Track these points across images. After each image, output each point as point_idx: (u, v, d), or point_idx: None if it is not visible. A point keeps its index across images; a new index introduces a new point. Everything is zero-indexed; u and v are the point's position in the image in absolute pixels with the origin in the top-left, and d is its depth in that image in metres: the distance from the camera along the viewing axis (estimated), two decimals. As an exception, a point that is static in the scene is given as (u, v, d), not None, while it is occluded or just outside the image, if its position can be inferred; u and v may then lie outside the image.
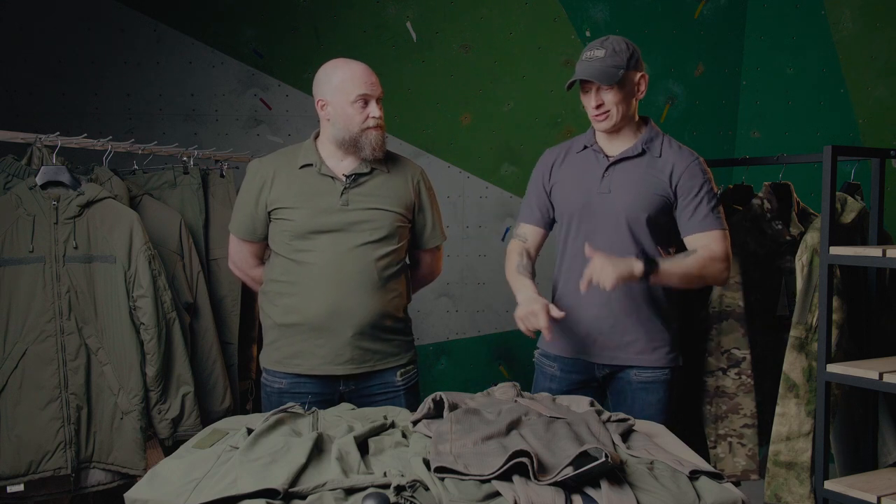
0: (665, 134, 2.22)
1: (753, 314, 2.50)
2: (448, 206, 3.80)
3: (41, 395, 2.31)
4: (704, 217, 2.12)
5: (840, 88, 3.65)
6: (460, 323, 3.94)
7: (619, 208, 2.14)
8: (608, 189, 2.16)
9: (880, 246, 2.26)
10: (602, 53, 2.11)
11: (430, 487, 1.36)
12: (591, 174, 2.20)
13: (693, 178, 2.13)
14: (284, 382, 2.20)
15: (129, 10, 3.60)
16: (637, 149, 2.17)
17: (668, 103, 3.93)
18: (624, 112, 2.14)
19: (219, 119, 3.73)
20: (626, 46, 2.13)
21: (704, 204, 2.13)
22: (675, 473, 1.45)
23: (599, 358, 2.19)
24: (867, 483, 2.17)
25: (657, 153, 2.17)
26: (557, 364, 2.25)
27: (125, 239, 2.39)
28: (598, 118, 2.15)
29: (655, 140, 2.19)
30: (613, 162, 2.17)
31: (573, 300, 2.19)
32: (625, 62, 2.11)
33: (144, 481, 1.46)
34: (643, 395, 2.17)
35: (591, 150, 2.23)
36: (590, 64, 2.11)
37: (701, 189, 2.13)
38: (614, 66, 2.09)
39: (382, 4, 3.75)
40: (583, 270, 2.02)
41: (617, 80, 2.09)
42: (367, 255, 2.15)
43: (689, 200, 2.13)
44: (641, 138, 2.18)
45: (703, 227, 2.12)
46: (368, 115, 2.14)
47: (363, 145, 2.15)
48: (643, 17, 3.86)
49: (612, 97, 2.11)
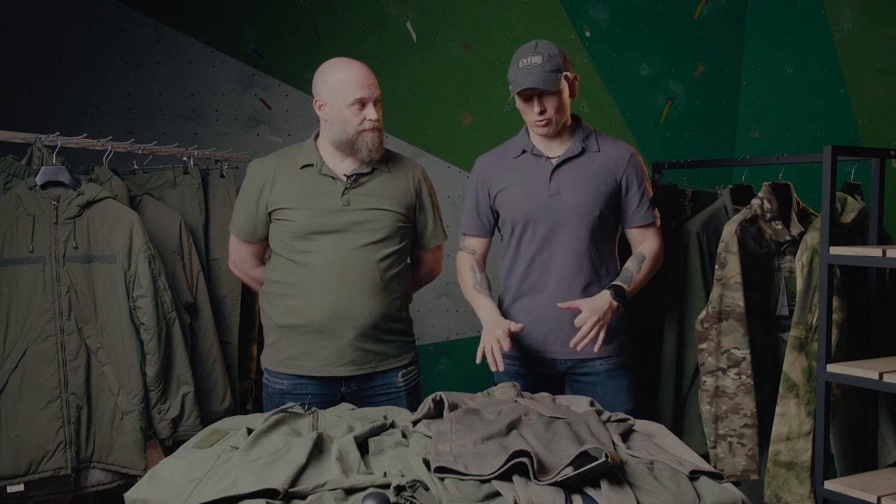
0: (594, 129, 2.30)
1: (753, 314, 2.50)
2: (448, 206, 3.80)
3: (41, 395, 2.31)
4: (646, 211, 2.27)
5: (840, 88, 3.65)
6: (460, 323, 3.93)
7: (571, 208, 2.20)
8: (557, 191, 2.21)
9: (880, 246, 2.26)
10: (539, 60, 2.13)
11: (430, 487, 1.36)
12: (537, 178, 2.24)
13: (635, 169, 2.26)
14: (286, 383, 2.20)
15: (129, 10, 3.59)
16: (577, 148, 2.23)
17: (668, 103, 3.93)
18: (564, 115, 2.20)
19: (219, 119, 3.73)
20: (558, 50, 2.17)
21: (645, 197, 2.27)
22: (675, 473, 1.45)
23: (562, 353, 2.23)
24: (867, 483, 2.17)
25: (595, 149, 2.25)
26: (518, 362, 2.29)
27: (125, 239, 2.39)
28: (540, 124, 2.18)
29: (590, 137, 2.26)
30: (558, 164, 2.22)
31: (531, 301, 2.26)
32: (561, 65, 2.14)
33: (144, 481, 1.47)
34: (611, 382, 2.24)
35: (531, 154, 2.26)
36: (530, 71, 2.13)
37: (642, 182, 2.27)
38: (554, 71, 2.12)
39: (382, 4, 3.75)
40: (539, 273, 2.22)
41: (559, 84, 2.12)
42: (368, 256, 2.15)
43: (634, 193, 2.25)
44: (578, 137, 2.25)
45: (645, 220, 2.27)
46: (365, 118, 2.13)
47: (360, 147, 2.15)
48: (643, 17, 3.86)
49: (553, 102, 2.15)
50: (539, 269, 2.24)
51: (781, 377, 2.38)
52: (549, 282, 2.23)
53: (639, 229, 2.28)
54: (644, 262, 2.23)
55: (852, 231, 2.43)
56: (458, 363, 3.95)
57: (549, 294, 2.22)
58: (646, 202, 2.27)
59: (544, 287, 2.24)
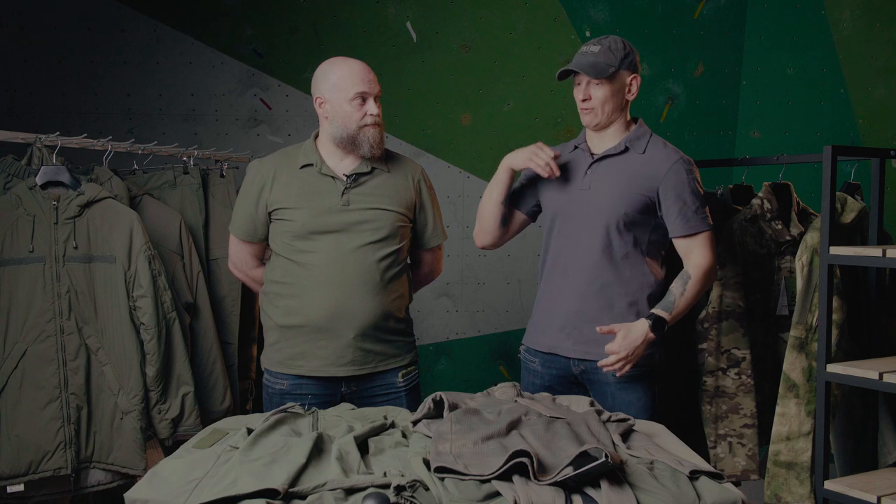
0: (654, 134, 2.23)
1: (753, 314, 2.50)
2: (448, 206, 3.80)
3: (41, 395, 2.31)
4: (689, 218, 2.11)
5: (840, 88, 3.65)
6: (460, 323, 3.93)
7: (597, 206, 2.16)
8: (588, 186, 2.19)
9: (880, 246, 2.26)
10: (597, 49, 2.14)
11: (430, 487, 1.36)
12: (576, 172, 2.23)
13: (676, 175, 2.12)
14: (286, 384, 2.20)
15: (129, 10, 3.60)
16: (620, 146, 2.18)
17: (668, 103, 3.93)
18: (611, 110, 2.16)
19: (219, 119, 3.73)
20: (623, 46, 2.16)
21: (689, 204, 2.11)
22: (675, 473, 1.45)
23: (574, 353, 2.19)
24: (867, 483, 2.17)
25: (641, 150, 2.17)
26: (538, 359, 2.27)
27: (125, 239, 2.39)
28: (584, 111, 2.19)
29: (642, 139, 2.19)
30: (596, 159, 2.19)
31: (551, 296, 2.24)
32: (618, 61, 2.13)
33: (144, 481, 1.46)
34: (622, 395, 2.15)
35: (580, 149, 2.25)
36: (583, 57, 2.15)
37: (685, 188, 2.12)
38: (606, 63, 2.12)
39: (382, 4, 3.75)
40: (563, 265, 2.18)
41: (606, 75, 2.11)
42: (368, 256, 2.15)
43: (674, 200, 2.12)
44: (627, 136, 2.20)
45: (689, 228, 2.11)
46: (366, 113, 2.13)
47: (361, 143, 2.15)
48: (643, 17, 3.86)
49: (599, 93, 2.14)
50: (561, 264, 2.21)
51: (781, 377, 2.38)
52: (567, 276, 2.20)
53: (681, 240, 2.14)
54: (689, 284, 2.09)
55: (852, 231, 2.43)
56: (458, 363, 3.95)
57: (566, 289, 2.19)
58: (688, 211, 2.11)
59: (563, 281, 2.21)
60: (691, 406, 2.56)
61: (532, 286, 3.85)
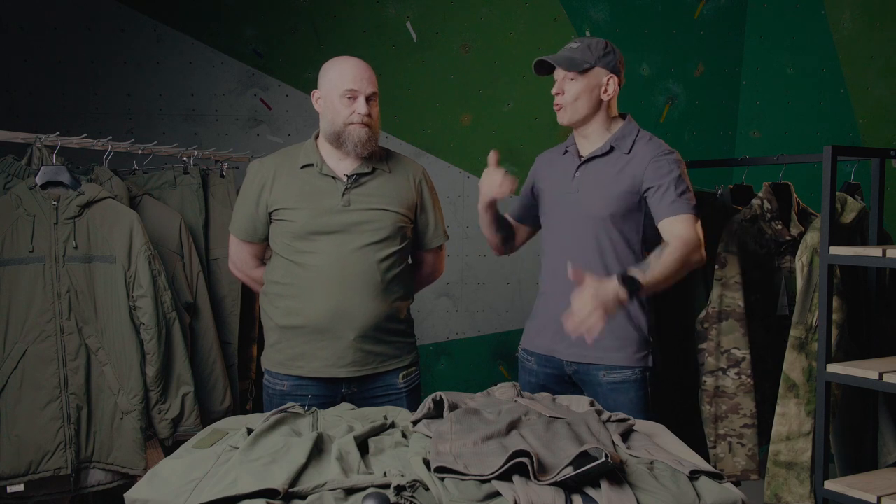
0: (643, 130, 2.21)
1: (753, 314, 2.50)
2: (448, 206, 3.80)
3: (41, 395, 2.31)
4: (672, 202, 2.06)
5: (840, 88, 3.65)
6: (460, 323, 3.94)
7: (583, 208, 2.17)
8: (576, 189, 2.19)
9: (880, 246, 2.26)
10: (577, 46, 2.16)
11: (430, 487, 1.36)
12: (565, 174, 2.23)
13: (660, 167, 2.10)
14: (286, 384, 2.20)
15: (129, 10, 3.60)
16: (606, 147, 2.18)
17: (668, 103, 3.93)
18: (583, 108, 2.16)
19: (219, 119, 3.73)
20: (605, 46, 2.16)
21: (672, 190, 2.07)
22: (675, 473, 1.45)
23: (567, 355, 2.19)
24: (867, 483, 2.17)
25: (626, 149, 2.16)
26: (534, 358, 2.29)
27: (125, 239, 2.39)
28: (555, 106, 2.20)
29: (628, 137, 2.18)
30: (583, 161, 2.20)
31: (546, 298, 2.26)
32: (594, 58, 2.13)
33: (144, 481, 1.46)
34: (614, 397, 2.14)
35: (570, 152, 2.27)
36: (562, 52, 2.17)
37: (668, 176, 2.08)
38: (581, 59, 2.13)
39: (382, 4, 3.75)
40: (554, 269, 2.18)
41: (579, 69, 2.12)
42: (369, 257, 2.15)
43: (657, 188, 2.08)
44: (612, 136, 2.19)
45: (672, 211, 2.05)
46: (354, 111, 2.13)
47: (345, 140, 2.14)
48: (643, 17, 3.86)
49: (572, 88, 2.15)
50: (554, 266, 2.21)
51: (781, 377, 2.38)
52: (560, 279, 2.16)
53: (665, 221, 2.06)
54: (667, 250, 1.97)
55: (852, 231, 2.43)
56: (458, 363, 3.95)
57: (559, 291, 2.15)
58: (670, 196, 2.06)
59: (556, 284, 2.20)
60: (691, 406, 2.56)
61: (532, 286, 3.85)
